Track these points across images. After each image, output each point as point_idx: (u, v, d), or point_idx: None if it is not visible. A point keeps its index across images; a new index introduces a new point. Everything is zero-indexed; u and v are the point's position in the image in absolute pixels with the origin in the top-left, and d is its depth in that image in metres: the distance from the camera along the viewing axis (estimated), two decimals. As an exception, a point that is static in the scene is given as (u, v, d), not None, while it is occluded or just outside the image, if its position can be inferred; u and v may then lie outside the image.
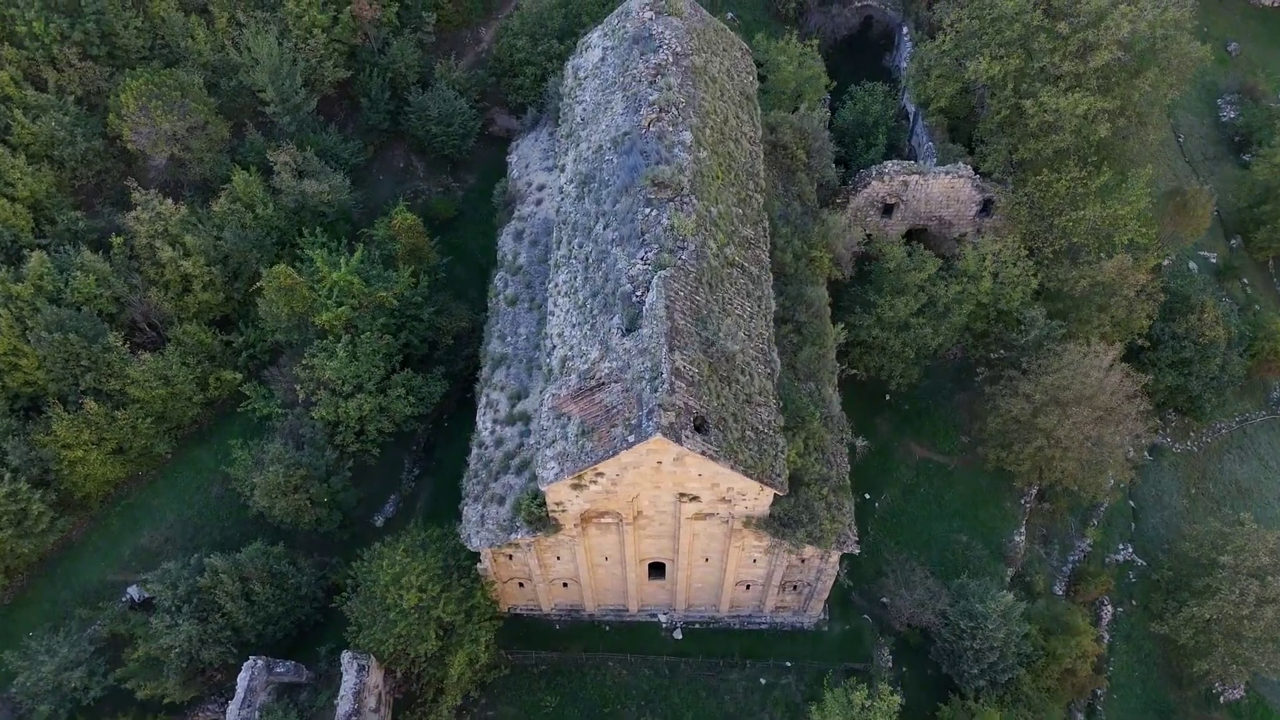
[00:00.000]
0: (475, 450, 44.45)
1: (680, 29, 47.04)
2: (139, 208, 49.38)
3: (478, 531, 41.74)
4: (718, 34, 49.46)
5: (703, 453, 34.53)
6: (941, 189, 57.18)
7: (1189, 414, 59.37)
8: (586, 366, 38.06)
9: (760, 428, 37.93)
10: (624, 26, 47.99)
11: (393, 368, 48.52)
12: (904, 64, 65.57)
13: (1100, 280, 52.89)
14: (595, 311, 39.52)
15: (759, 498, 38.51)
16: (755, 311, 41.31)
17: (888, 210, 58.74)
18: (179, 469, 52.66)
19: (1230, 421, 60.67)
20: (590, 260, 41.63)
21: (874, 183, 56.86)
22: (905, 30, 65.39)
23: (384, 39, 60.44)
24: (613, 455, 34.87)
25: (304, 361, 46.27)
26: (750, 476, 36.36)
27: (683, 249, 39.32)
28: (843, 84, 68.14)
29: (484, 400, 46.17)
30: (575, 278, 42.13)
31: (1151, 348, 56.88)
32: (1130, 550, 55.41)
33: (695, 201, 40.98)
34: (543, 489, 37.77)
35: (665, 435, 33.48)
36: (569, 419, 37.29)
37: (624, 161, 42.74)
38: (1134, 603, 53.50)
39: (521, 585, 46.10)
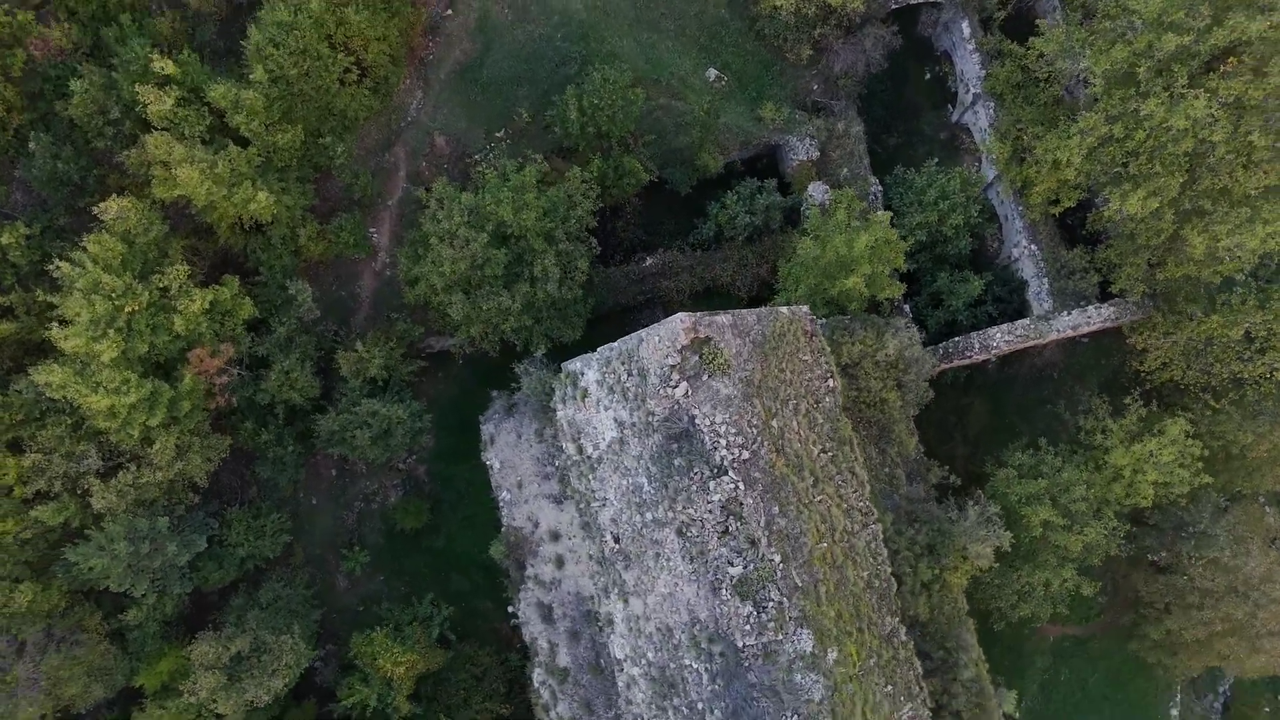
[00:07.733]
0: None
1: (735, 397, 29.87)
2: None
3: None
4: (774, 350, 31.39)
5: None
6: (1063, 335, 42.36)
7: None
8: None
9: None
10: (642, 393, 30.32)
11: None
12: (971, 74, 44.82)
13: (1286, 446, 40.89)
14: None
15: None
16: None
17: (987, 351, 44.10)
18: None
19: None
20: None
21: (975, 356, 41.82)
22: (966, 26, 44.06)
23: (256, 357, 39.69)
24: None
25: None
26: None
27: None
28: (880, 111, 47.16)
29: None
30: None
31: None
32: None
33: (845, 757, 28.45)
34: None
35: None
36: None
37: (721, 693, 29.05)
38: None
39: None
